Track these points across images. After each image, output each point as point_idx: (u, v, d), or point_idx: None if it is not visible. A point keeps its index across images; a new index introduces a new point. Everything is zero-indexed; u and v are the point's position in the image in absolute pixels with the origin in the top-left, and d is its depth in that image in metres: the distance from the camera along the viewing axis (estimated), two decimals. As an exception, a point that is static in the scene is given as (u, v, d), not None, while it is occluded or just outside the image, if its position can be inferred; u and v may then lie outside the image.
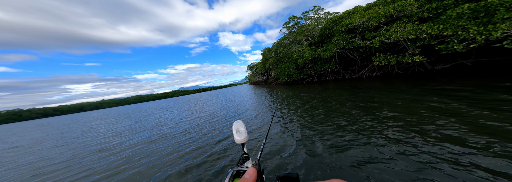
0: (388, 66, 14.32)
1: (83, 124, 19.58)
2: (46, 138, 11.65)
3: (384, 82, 10.63)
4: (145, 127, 9.68)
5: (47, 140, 10.48)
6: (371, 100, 6.52)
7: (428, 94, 5.87)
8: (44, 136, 13.08)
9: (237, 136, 0.95)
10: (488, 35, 7.45)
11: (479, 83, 6.10)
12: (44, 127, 25.27)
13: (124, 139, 7.25)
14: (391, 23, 13.21)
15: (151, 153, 4.81)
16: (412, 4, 11.38)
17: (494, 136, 2.68)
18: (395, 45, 13.24)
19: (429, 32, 9.83)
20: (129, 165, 4.19)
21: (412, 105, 4.99)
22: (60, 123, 28.17)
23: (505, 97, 4.32)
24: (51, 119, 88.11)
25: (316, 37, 22.99)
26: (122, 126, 12.18)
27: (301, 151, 3.35)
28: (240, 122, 1.05)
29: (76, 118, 40.68)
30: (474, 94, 4.96)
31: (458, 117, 3.60)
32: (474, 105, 4.08)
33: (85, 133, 11.47)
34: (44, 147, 8.39)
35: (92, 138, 8.80)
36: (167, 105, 31.63)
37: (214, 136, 5.43)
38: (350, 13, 18.45)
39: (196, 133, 6.22)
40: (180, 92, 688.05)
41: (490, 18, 7.46)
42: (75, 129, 14.81)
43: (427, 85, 7.43)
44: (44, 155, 6.55)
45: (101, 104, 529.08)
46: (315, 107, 7.27)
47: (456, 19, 8.59)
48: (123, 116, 22.83)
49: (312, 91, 13.17)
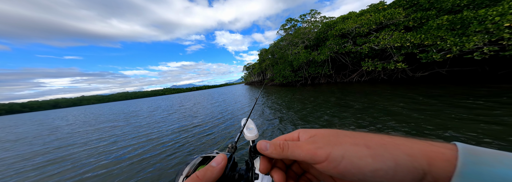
0: (375, 71, 14.75)
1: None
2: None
3: (368, 87, 11.01)
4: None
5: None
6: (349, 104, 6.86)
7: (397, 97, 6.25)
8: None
9: (248, 133, 0.95)
10: (462, 46, 7.85)
11: (437, 92, 6.49)
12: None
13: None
14: (380, 30, 13.63)
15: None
16: (400, 12, 11.80)
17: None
18: (383, 52, 13.66)
19: (412, 41, 10.24)
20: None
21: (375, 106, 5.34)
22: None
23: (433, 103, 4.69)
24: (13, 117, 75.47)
25: (311, 40, 23.39)
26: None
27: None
28: (249, 120, 1.04)
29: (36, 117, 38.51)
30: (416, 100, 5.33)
31: (399, 116, 4.02)
32: (415, 108, 4.46)
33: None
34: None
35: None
36: (152, 105, 25.55)
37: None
38: (344, 18, 18.87)
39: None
40: (172, 89, 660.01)
41: (465, 30, 7.88)
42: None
43: (399, 90, 7.81)
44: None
45: (80, 101, 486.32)
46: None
47: (436, 29, 9.00)
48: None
49: (306, 94, 13.21)
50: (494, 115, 3.47)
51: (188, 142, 4.66)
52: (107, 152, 4.64)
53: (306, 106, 7.42)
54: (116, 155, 4.26)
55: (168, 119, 9.22)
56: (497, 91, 5.39)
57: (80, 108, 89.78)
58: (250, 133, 0.94)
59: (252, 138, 0.94)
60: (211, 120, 7.31)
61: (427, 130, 3.26)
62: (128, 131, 7.19)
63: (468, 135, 2.87)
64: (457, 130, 3.08)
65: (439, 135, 3.02)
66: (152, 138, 5.63)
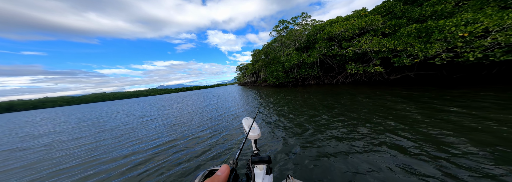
0: (357, 74, 15.67)
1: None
2: None
3: (351, 88, 11.86)
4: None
5: None
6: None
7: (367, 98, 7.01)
8: None
9: (251, 132, 0.95)
10: (426, 53, 8.76)
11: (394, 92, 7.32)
12: None
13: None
14: (362, 35, 14.55)
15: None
16: (378, 19, 12.72)
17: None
18: (364, 55, 14.58)
19: (388, 46, 11.14)
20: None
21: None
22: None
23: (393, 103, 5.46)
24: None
25: (302, 42, 24.22)
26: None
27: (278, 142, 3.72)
28: (250, 119, 1.08)
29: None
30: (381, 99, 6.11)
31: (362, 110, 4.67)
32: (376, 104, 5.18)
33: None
34: None
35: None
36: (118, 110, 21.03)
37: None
38: (332, 22, 19.79)
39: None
40: (159, 90, 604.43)
41: (429, 38, 8.79)
42: None
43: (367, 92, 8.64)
44: None
45: (42, 103, 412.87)
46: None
47: (406, 36, 9.91)
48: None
49: (297, 94, 13.48)
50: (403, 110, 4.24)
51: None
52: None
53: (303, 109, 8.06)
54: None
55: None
56: (441, 94, 6.24)
57: (42, 110, 78.49)
58: (252, 132, 0.95)
59: (255, 137, 0.94)
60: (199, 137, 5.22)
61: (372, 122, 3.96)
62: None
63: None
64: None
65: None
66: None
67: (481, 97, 5.18)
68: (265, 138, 4.24)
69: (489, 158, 2.32)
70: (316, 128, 4.43)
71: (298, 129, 4.60)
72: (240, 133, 5.07)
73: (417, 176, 2.17)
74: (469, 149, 2.60)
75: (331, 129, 4.20)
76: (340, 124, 4.47)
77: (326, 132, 4.09)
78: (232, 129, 5.53)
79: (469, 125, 3.39)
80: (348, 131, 3.96)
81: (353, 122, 4.51)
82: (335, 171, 2.50)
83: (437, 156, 2.54)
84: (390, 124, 3.96)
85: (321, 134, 4.03)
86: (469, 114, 3.94)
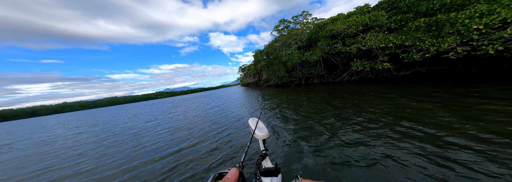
0: (363, 71, 15.30)
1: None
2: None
3: (358, 86, 11.52)
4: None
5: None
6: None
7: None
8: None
9: (258, 132, 0.95)
10: (438, 47, 8.40)
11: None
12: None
13: None
14: (366, 31, 14.20)
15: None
16: (383, 15, 12.38)
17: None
18: (369, 52, 14.22)
19: (395, 42, 10.79)
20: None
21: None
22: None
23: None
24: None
25: (304, 41, 23.93)
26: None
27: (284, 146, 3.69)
28: (256, 119, 1.06)
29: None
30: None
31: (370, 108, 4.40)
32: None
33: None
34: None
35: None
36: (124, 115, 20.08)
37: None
38: (334, 19, 19.46)
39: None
40: (165, 93, 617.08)
41: (440, 32, 8.43)
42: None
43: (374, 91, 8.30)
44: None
45: (61, 107, 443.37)
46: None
47: (415, 31, 9.56)
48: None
49: (299, 94, 13.36)
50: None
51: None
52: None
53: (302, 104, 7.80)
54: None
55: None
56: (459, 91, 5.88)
57: (62, 115, 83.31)
58: (260, 132, 0.95)
59: (263, 137, 0.93)
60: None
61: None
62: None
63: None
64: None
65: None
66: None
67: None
68: (271, 140, 4.20)
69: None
70: (325, 130, 4.17)
71: (305, 131, 4.37)
72: (248, 133, 5.09)
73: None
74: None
75: (342, 131, 3.93)
76: (351, 127, 4.18)
77: (337, 134, 3.82)
78: (238, 131, 5.35)
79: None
80: (365, 135, 3.66)
81: (366, 124, 4.22)
82: (350, 176, 2.26)
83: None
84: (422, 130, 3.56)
85: (332, 136, 3.77)
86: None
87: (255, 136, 0.93)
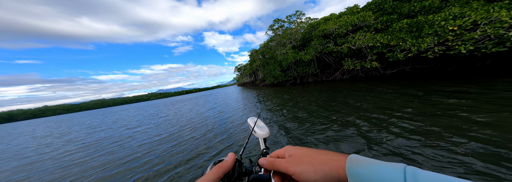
0: (354, 70, 15.90)
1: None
2: None
3: (348, 84, 12.06)
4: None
5: None
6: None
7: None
8: None
9: (259, 131, 0.95)
10: (419, 47, 8.98)
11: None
12: None
13: None
14: (356, 31, 14.76)
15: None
16: (370, 16, 12.92)
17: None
18: (359, 51, 14.80)
19: (382, 41, 11.36)
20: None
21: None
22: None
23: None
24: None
25: (298, 40, 24.41)
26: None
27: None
28: (255, 118, 1.05)
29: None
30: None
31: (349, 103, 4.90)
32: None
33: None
34: None
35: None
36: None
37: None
38: (326, 19, 19.97)
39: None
40: (158, 94, 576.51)
41: (420, 32, 9.01)
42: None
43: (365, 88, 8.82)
44: None
45: (42, 111, 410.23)
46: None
47: (398, 31, 10.13)
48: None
49: (295, 93, 13.13)
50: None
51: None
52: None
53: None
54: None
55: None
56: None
57: (41, 119, 75.94)
58: (261, 131, 0.95)
59: (264, 135, 0.94)
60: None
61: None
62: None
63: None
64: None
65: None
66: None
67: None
68: (271, 140, 4.19)
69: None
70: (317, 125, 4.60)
71: (298, 125, 4.77)
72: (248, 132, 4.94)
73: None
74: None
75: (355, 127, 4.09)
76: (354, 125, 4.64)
77: (335, 132, 4.19)
78: (239, 129, 5.71)
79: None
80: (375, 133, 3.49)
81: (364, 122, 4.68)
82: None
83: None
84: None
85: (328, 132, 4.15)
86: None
87: (256, 135, 0.93)
